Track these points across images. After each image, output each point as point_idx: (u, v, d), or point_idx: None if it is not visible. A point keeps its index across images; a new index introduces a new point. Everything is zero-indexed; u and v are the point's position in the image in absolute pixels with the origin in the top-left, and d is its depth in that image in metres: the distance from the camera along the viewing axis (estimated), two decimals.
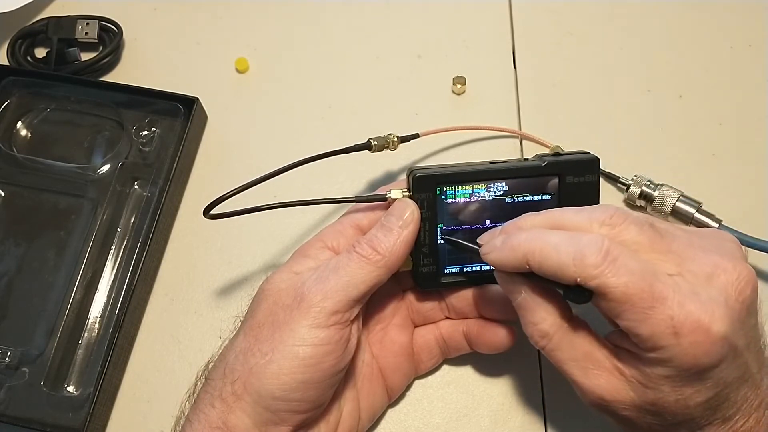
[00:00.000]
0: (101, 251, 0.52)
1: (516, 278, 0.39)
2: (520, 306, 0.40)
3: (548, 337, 0.39)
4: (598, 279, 0.35)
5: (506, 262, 0.39)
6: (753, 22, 0.61)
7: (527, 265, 0.37)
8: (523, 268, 0.38)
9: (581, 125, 0.58)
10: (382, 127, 0.50)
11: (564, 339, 0.39)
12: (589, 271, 0.35)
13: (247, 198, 0.44)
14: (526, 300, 0.39)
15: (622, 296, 0.35)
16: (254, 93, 0.60)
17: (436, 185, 0.43)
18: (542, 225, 0.39)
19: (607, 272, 0.35)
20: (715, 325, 0.34)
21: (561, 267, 0.36)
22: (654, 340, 0.35)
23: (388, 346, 0.47)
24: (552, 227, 0.38)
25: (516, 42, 0.61)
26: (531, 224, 0.39)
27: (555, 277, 0.37)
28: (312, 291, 0.39)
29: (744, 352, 0.36)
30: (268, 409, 0.38)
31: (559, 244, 0.36)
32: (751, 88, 0.58)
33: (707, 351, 0.34)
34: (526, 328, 0.40)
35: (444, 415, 0.49)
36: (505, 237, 0.39)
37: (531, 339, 0.40)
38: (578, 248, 0.36)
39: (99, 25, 0.60)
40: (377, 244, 0.41)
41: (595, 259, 0.35)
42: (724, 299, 0.35)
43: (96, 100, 0.56)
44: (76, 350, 0.50)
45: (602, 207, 0.38)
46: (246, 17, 0.63)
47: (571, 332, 0.39)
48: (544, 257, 0.37)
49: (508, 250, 0.38)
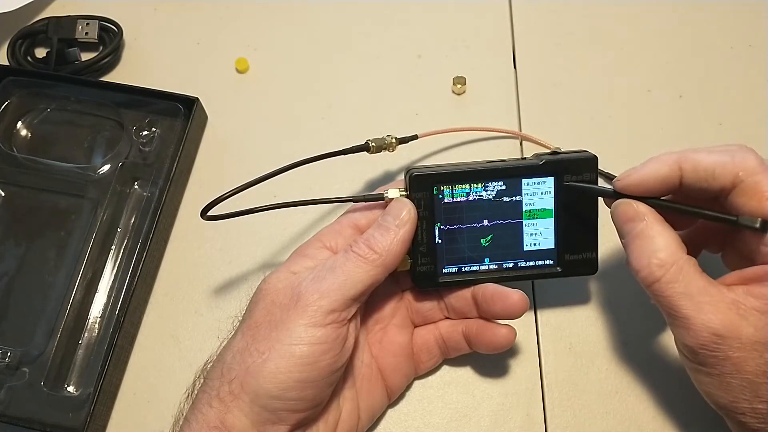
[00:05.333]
0: (101, 251, 0.52)
1: (640, 206, 0.40)
2: (639, 234, 0.39)
3: (666, 266, 0.38)
4: (759, 174, 0.37)
5: (656, 173, 0.39)
6: (753, 22, 0.61)
7: (680, 171, 0.39)
8: (672, 177, 0.39)
9: (581, 125, 0.58)
10: (382, 127, 0.50)
11: (682, 270, 0.38)
12: (751, 165, 0.37)
13: (247, 198, 0.44)
14: (647, 227, 0.39)
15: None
16: (254, 93, 0.60)
17: (433, 184, 0.44)
18: None
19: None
20: None
21: (720, 163, 0.37)
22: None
23: (388, 346, 0.47)
24: None
25: (516, 42, 0.61)
26: None
27: (711, 179, 0.38)
28: (309, 290, 0.40)
29: None
30: (266, 408, 0.38)
31: (712, 149, 0.38)
32: (751, 88, 0.58)
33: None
34: (642, 259, 0.39)
35: (444, 415, 0.49)
36: (649, 159, 0.40)
37: (644, 271, 0.39)
38: (733, 149, 0.38)
39: (99, 25, 0.60)
40: (374, 244, 0.41)
41: (755, 160, 0.37)
42: None
43: (96, 100, 0.57)
44: (76, 350, 0.50)
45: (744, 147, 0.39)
46: (246, 17, 0.63)
47: (688, 264, 0.38)
48: (699, 158, 0.38)
49: (656, 162, 0.40)
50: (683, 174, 0.39)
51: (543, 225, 0.45)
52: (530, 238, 0.45)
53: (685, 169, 0.39)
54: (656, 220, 0.40)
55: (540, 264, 0.46)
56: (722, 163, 0.38)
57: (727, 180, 0.38)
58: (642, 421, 0.47)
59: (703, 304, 0.37)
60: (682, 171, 0.39)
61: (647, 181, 0.40)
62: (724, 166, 0.38)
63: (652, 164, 0.40)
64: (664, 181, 0.39)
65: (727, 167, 0.38)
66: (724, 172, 0.38)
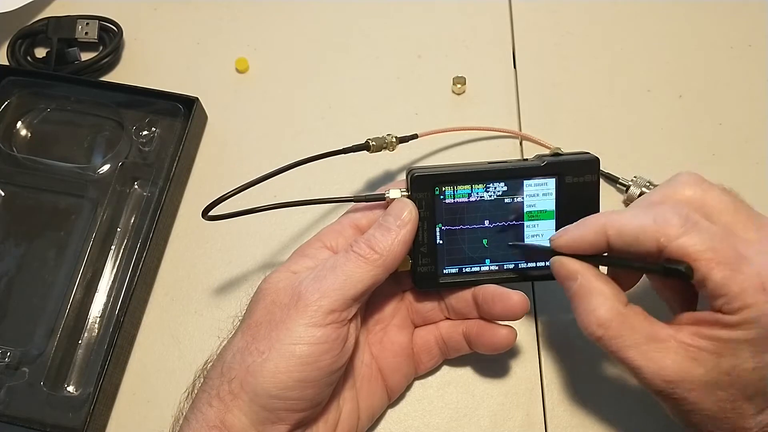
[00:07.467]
0: (101, 251, 0.52)
1: (574, 264, 0.40)
2: (576, 294, 0.39)
3: (605, 324, 0.38)
4: (681, 238, 0.35)
5: (582, 238, 0.39)
6: (753, 22, 0.61)
7: (606, 236, 0.38)
8: (600, 241, 0.38)
9: (581, 125, 0.58)
10: (382, 126, 0.50)
11: (623, 324, 0.38)
12: (672, 230, 0.36)
13: (247, 198, 0.44)
14: (582, 286, 0.39)
15: (709, 253, 0.35)
16: (254, 93, 0.60)
17: (435, 185, 0.43)
18: None
19: (691, 231, 0.35)
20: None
21: (643, 229, 0.37)
22: (743, 297, 0.34)
23: (388, 346, 0.47)
24: None
25: (516, 42, 0.61)
26: None
27: (635, 245, 0.37)
28: (309, 290, 0.40)
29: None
30: (266, 408, 0.38)
31: (637, 212, 0.38)
32: (751, 88, 0.58)
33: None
34: (582, 317, 0.39)
35: (444, 415, 0.49)
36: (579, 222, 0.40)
37: (587, 330, 0.39)
38: (659, 212, 0.37)
39: (99, 25, 0.60)
40: (375, 244, 0.41)
41: (677, 220, 0.36)
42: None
43: (96, 100, 0.57)
44: (76, 350, 0.50)
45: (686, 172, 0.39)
46: (246, 17, 0.63)
47: (629, 317, 0.38)
48: (624, 224, 0.37)
49: (584, 226, 0.39)
50: (609, 240, 0.38)
51: (544, 226, 0.45)
52: (531, 240, 0.45)
53: (610, 235, 0.38)
54: (592, 276, 0.39)
55: (541, 265, 0.46)
56: (644, 229, 0.37)
57: (651, 246, 0.36)
58: (642, 421, 0.47)
59: (651, 353, 0.37)
60: (608, 237, 0.38)
61: (576, 245, 0.40)
62: (645, 233, 0.36)
63: (579, 229, 0.39)
64: (593, 245, 0.39)
65: (649, 233, 0.36)
66: (646, 238, 0.36)
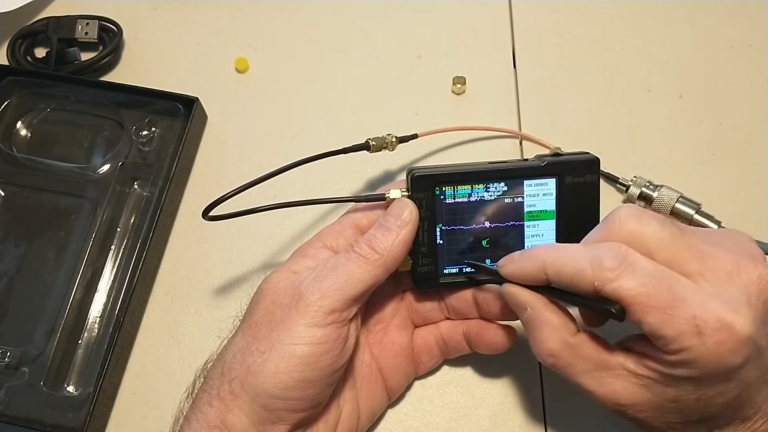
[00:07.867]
0: (101, 251, 0.52)
1: (524, 295, 0.39)
2: (526, 323, 0.40)
3: (556, 355, 0.39)
4: (615, 282, 0.35)
5: (523, 272, 0.39)
6: (753, 22, 0.61)
7: (545, 274, 0.38)
8: (540, 277, 0.38)
9: (581, 125, 0.58)
10: (382, 126, 0.50)
11: (573, 354, 0.38)
12: (606, 274, 0.35)
13: (247, 198, 0.44)
14: (531, 317, 0.39)
15: (642, 297, 0.35)
16: (254, 93, 0.60)
17: (435, 185, 0.43)
18: None
19: (625, 275, 0.35)
20: (739, 323, 0.34)
21: (578, 272, 0.36)
22: (679, 341, 0.34)
23: (388, 346, 0.47)
24: None
25: (516, 42, 0.61)
26: None
27: (572, 285, 0.37)
28: (309, 290, 0.39)
29: (766, 352, 0.36)
30: (266, 408, 0.38)
31: (576, 252, 0.37)
32: (751, 88, 0.58)
33: (733, 350, 0.34)
34: (533, 347, 0.40)
35: (444, 415, 0.49)
36: (524, 251, 0.40)
37: (539, 358, 0.40)
38: (595, 254, 0.36)
39: (99, 25, 0.60)
40: (375, 244, 0.41)
41: (612, 263, 0.35)
42: (746, 298, 0.35)
43: (96, 100, 0.56)
44: (76, 350, 0.50)
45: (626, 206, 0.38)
46: (246, 17, 0.63)
47: (579, 346, 0.38)
48: (561, 264, 0.37)
49: (526, 260, 0.39)
50: (548, 277, 0.38)
51: (544, 226, 0.45)
52: (532, 240, 0.45)
53: (548, 273, 0.38)
54: (542, 306, 0.39)
55: None
56: (579, 271, 0.36)
57: (588, 288, 0.36)
58: None
59: (602, 379, 0.38)
60: (547, 275, 0.38)
61: (518, 276, 0.40)
62: (581, 276, 0.36)
63: (522, 262, 0.39)
64: (534, 279, 0.39)
65: (585, 277, 0.36)
66: (582, 281, 0.36)
